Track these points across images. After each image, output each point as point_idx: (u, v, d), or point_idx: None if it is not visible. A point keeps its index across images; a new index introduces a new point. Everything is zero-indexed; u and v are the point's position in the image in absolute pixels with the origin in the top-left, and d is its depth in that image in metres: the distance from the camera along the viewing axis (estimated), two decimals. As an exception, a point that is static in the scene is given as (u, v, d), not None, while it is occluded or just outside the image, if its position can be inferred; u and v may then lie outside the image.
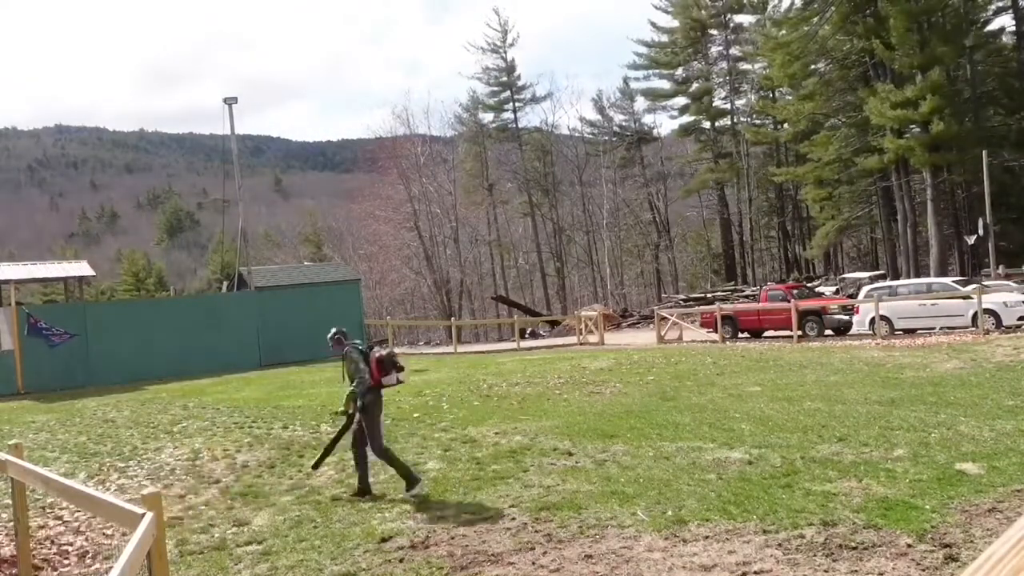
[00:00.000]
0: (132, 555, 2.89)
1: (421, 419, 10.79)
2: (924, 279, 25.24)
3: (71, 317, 22.38)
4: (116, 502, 3.76)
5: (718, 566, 4.64)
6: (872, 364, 13.60)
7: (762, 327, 22.65)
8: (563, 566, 4.88)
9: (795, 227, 49.11)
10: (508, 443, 8.68)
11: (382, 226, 49.48)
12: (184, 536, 6.06)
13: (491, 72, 53.66)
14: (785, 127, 43.28)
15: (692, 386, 12.34)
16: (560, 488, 6.61)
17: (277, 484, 7.60)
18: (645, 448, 7.92)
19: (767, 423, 8.78)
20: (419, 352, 29.90)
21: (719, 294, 36.45)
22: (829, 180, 39.04)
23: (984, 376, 11.32)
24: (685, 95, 50.90)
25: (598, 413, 10.35)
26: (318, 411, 11.94)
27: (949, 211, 36.70)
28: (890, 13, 31.25)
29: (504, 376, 15.86)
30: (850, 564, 4.51)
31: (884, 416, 8.70)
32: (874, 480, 6.14)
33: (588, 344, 24.72)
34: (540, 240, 52.94)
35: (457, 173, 53.16)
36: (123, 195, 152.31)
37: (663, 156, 54.79)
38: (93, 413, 14.40)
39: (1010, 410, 8.62)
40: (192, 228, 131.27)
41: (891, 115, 30.94)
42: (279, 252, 69.11)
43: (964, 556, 4.47)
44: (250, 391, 16.44)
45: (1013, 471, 6.13)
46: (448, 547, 5.39)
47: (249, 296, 26.45)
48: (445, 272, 48.38)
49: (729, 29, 48.56)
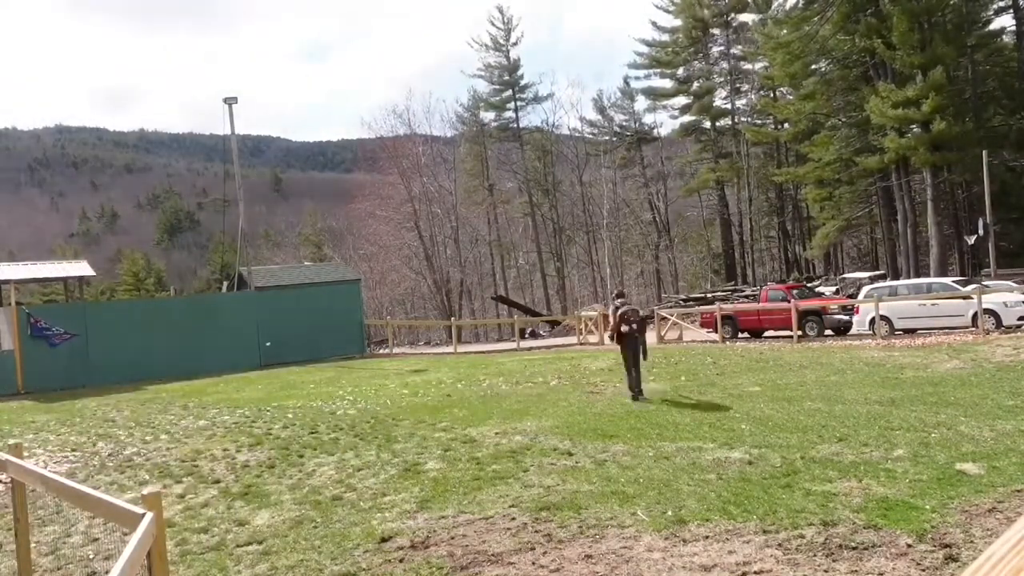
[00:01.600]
0: (132, 555, 2.89)
1: (421, 419, 10.79)
2: (924, 279, 25.22)
3: (71, 317, 22.39)
4: (116, 502, 3.75)
5: (718, 566, 4.64)
6: (872, 364, 13.60)
7: (762, 327, 22.65)
8: (563, 566, 4.87)
9: (795, 227, 49.10)
10: (508, 443, 8.67)
11: (382, 226, 49.47)
12: (184, 536, 6.06)
13: (493, 70, 53.70)
14: (785, 127, 43.29)
15: (692, 386, 12.34)
16: (560, 488, 6.61)
17: (277, 484, 7.60)
18: (645, 448, 7.92)
19: (767, 423, 8.78)
20: (419, 352, 29.91)
21: (719, 294, 36.43)
22: (829, 180, 39.03)
23: (984, 376, 11.32)
24: (686, 94, 50.92)
25: (598, 413, 10.34)
26: (318, 411, 11.94)
27: (949, 211, 36.69)
28: (891, 12, 31.26)
29: (504, 376, 15.87)
30: (850, 564, 4.50)
31: (884, 416, 8.70)
32: (874, 480, 6.13)
33: (588, 344, 24.72)
34: (540, 240, 52.94)
35: (458, 173, 53.21)
36: (123, 195, 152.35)
37: (663, 156, 54.76)
38: (93, 413, 14.40)
39: (1010, 410, 8.61)
40: (192, 228, 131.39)
41: (892, 115, 30.94)
42: (279, 252, 69.10)
43: (964, 556, 4.47)
44: (250, 391, 16.45)
45: (1013, 471, 6.13)
46: (448, 547, 5.38)
47: (249, 296, 26.45)
48: (445, 272, 48.38)
49: (731, 28, 48.55)
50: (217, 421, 12.01)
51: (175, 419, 12.63)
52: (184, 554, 5.64)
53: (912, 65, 31.23)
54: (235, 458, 8.98)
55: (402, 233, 49.06)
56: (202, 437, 10.59)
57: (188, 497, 7.33)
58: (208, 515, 6.66)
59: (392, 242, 49.64)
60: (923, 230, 34.91)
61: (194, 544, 5.87)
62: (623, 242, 55.26)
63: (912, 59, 30.90)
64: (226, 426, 11.40)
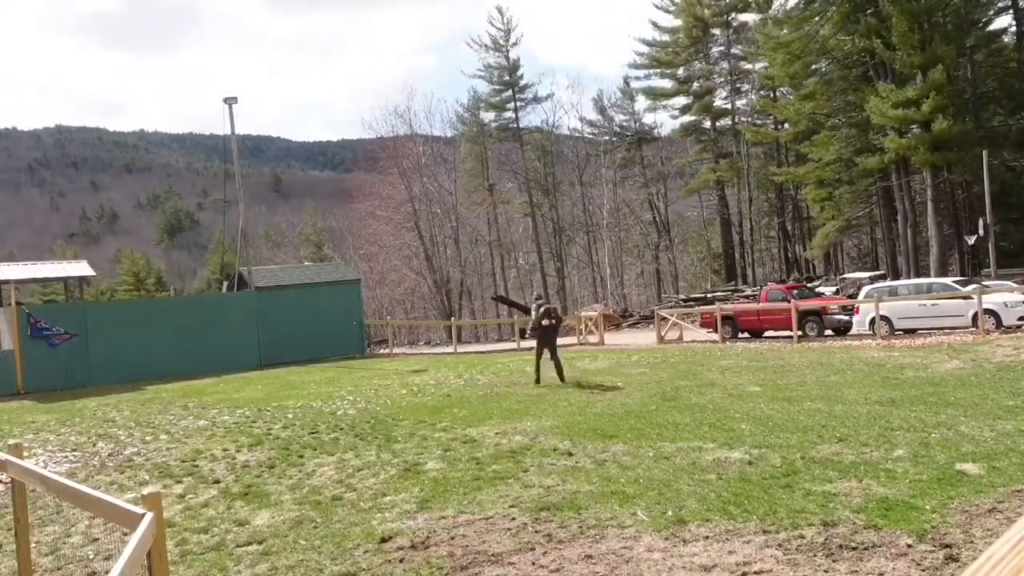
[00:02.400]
0: (132, 555, 2.89)
1: (421, 419, 10.79)
2: (924, 279, 25.22)
3: (71, 317, 22.39)
4: (116, 502, 3.75)
5: (718, 566, 4.64)
6: (872, 364, 13.60)
7: (762, 327, 22.64)
8: (563, 566, 4.87)
9: (795, 227, 49.09)
10: (508, 443, 8.67)
11: (382, 226, 49.47)
12: (184, 536, 6.06)
13: (493, 70, 53.69)
14: (786, 127, 43.27)
15: (692, 386, 12.34)
16: (560, 488, 6.61)
17: (277, 484, 7.60)
18: (645, 448, 7.92)
19: (767, 423, 8.78)
20: (419, 352, 29.91)
21: (719, 294, 36.43)
22: (829, 180, 39.00)
23: (984, 376, 11.32)
24: (686, 94, 50.89)
25: (598, 413, 10.34)
26: (318, 411, 11.95)
27: (949, 211, 36.67)
28: (891, 13, 31.25)
29: (504, 376, 15.87)
30: (850, 564, 4.50)
31: (884, 416, 8.70)
32: (874, 480, 6.13)
33: (588, 344, 24.73)
34: (540, 240, 52.92)
35: (458, 173, 53.20)
36: (123, 195, 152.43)
37: (663, 156, 54.72)
38: (93, 413, 14.41)
39: (1010, 410, 8.61)
40: (192, 228, 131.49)
41: (892, 115, 30.94)
42: (279, 252, 69.08)
43: (964, 556, 4.47)
44: (250, 391, 16.45)
45: (1013, 471, 6.13)
46: (448, 547, 5.38)
47: (249, 296, 26.45)
48: (445, 272, 48.39)
49: (731, 28, 48.54)
50: (217, 421, 12.01)
51: (175, 419, 12.63)
52: (184, 554, 5.64)
53: (912, 65, 31.23)
54: (235, 458, 8.98)
55: (402, 233, 49.07)
56: (202, 437, 10.59)
57: (188, 497, 7.33)
58: (208, 515, 6.66)
59: (392, 242, 49.64)
60: (923, 230, 34.91)
61: (194, 544, 5.87)
62: (623, 242, 55.26)
63: (912, 59, 30.90)
64: (226, 426, 11.41)
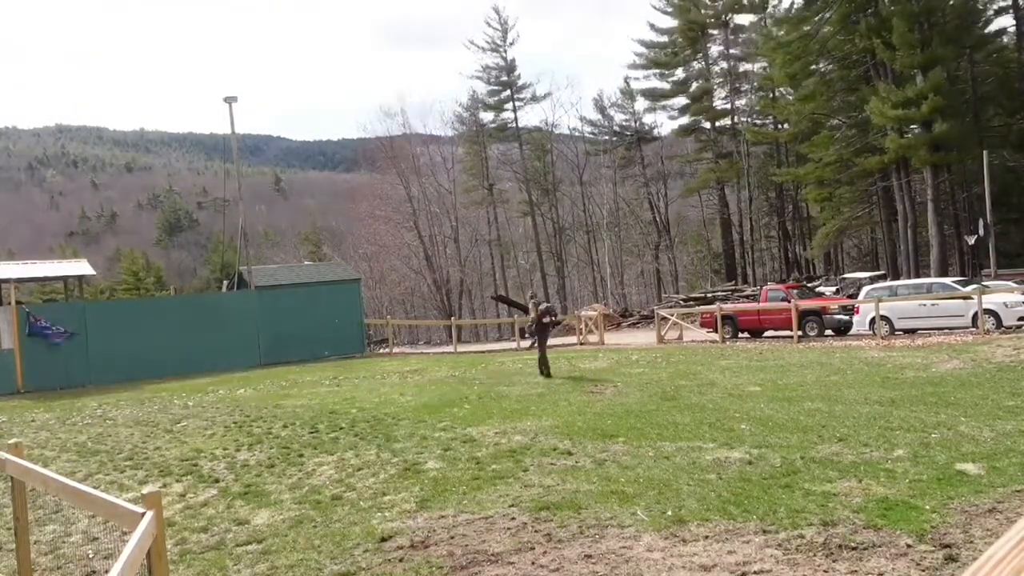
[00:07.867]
0: (132, 555, 2.89)
1: (421, 418, 10.78)
2: (924, 279, 25.22)
3: (71, 316, 22.38)
4: (116, 502, 3.75)
5: (718, 566, 4.64)
6: (872, 364, 13.60)
7: (762, 327, 22.64)
8: (563, 566, 4.87)
9: (795, 227, 49.10)
10: (508, 443, 8.67)
11: (382, 226, 49.51)
12: (184, 535, 6.06)
13: (491, 71, 53.68)
14: (785, 127, 43.27)
15: (692, 386, 12.33)
16: (560, 488, 6.61)
17: (277, 483, 7.59)
18: (645, 448, 7.92)
19: (767, 423, 8.78)
20: (419, 351, 29.90)
21: (719, 294, 36.40)
22: (829, 180, 39.00)
23: (984, 376, 11.32)
24: (685, 95, 50.90)
25: (598, 413, 10.34)
26: (318, 410, 11.94)
27: (949, 211, 36.68)
28: (891, 13, 31.26)
29: (504, 375, 15.87)
30: (850, 564, 4.50)
31: (884, 416, 8.70)
32: (874, 480, 6.13)
33: (588, 344, 24.71)
34: (540, 240, 52.94)
35: (457, 173, 53.21)
36: (123, 195, 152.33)
37: (663, 156, 54.74)
38: (93, 412, 14.40)
39: (1010, 410, 8.61)
40: (192, 228, 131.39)
41: (892, 115, 30.94)
42: (279, 252, 69.12)
43: (964, 556, 4.47)
44: (250, 390, 16.45)
45: (1013, 471, 6.13)
46: (448, 547, 5.38)
47: (249, 295, 26.45)
48: (445, 272, 48.42)
49: (729, 29, 48.52)
50: (217, 420, 12.01)
51: (175, 418, 12.63)
52: (184, 553, 5.64)
53: (912, 65, 31.24)
54: (235, 457, 8.98)
55: (402, 233, 49.11)
56: (202, 436, 10.59)
57: (188, 496, 7.33)
58: (208, 514, 6.66)
59: (392, 242, 49.68)
60: (923, 230, 34.92)
61: (194, 543, 5.87)
62: (623, 242, 55.27)
63: (912, 59, 30.91)
64: (226, 425, 11.40)
